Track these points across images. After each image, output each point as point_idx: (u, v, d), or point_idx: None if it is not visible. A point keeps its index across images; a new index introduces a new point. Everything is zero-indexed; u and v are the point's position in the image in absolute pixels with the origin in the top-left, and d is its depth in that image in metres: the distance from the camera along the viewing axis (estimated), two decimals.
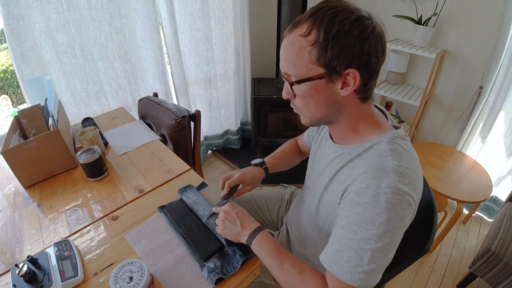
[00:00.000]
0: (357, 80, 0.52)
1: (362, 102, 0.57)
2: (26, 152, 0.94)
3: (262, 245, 0.65)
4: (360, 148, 0.58)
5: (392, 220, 0.49)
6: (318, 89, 0.54)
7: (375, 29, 0.51)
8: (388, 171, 0.51)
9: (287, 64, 0.55)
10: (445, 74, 1.72)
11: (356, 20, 0.49)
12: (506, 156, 1.61)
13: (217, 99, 2.12)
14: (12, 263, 0.73)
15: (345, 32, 0.49)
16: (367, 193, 0.51)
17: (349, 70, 0.51)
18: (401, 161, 0.52)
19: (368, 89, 0.56)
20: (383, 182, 0.50)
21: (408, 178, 0.51)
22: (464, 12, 1.52)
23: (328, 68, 0.52)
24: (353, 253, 0.51)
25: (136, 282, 0.60)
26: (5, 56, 3.66)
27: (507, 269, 1.12)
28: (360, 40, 0.49)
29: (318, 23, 0.50)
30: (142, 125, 1.35)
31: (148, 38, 1.57)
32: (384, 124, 0.61)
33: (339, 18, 0.49)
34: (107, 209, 0.89)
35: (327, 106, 0.57)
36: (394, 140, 0.56)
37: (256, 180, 0.86)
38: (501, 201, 1.72)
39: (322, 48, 0.50)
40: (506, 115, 1.54)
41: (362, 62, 0.51)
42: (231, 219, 0.70)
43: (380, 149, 0.55)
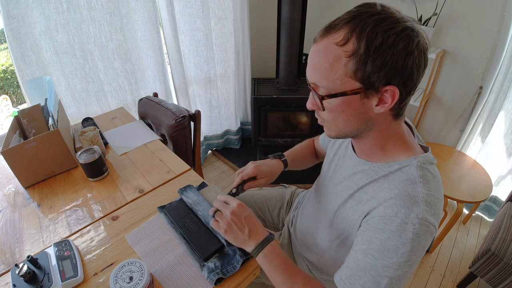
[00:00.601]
0: (396, 98, 0.47)
1: (394, 119, 0.53)
2: (26, 152, 0.94)
3: (270, 260, 0.61)
4: (387, 168, 0.55)
5: (415, 250, 0.48)
6: (350, 104, 0.49)
7: (420, 42, 0.46)
8: (418, 201, 0.48)
9: (317, 75, 0.50)
10: (445, 74, 1.72)
11: (401, 31, 0.44)
12: (506, 156, 1.61)
13: (217, 99, 2.12)
14: (12, 263, 0.73)
15: (390, 45, 0.44)
16: (394, 222, 0.48)
17: (388, 87, 0.47)
18: (429, 190, 0.50)
19: (403, 105, 0.51)
20: (413, 212, 0.48)
21: (434, 207, 0.49)
22: (464, 12, 1.52)
23: (366, 83, 0.47)
24: (370, 278, 0.50)
25: (136, 282, 0.60)
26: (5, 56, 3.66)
27: (507, 269, 1.12)
28: (404, 55, 0.45)
29: (359, 31, 0.44)
30: (142, 125, 1.35)
31: (148, 38, 1.57)
32: (413, 144, 0.57)
33: (382, 28, 0.44)
34: (107, 209, 0.89)
35: (358, 122, 0.52)
36: (424, 165, 0.53)
37: (273, 174, 0.79)
38: (501, 201, 1.72)
39: (362, 61, 0.45)
40: (506, 115, 1.54)
41: (403, 78, 0.46)
42: (240, 224, 0.64)
43: (410, 174, 0.52)
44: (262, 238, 0.63)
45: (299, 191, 1.09)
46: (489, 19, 1.45)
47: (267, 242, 0.63)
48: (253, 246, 0.63)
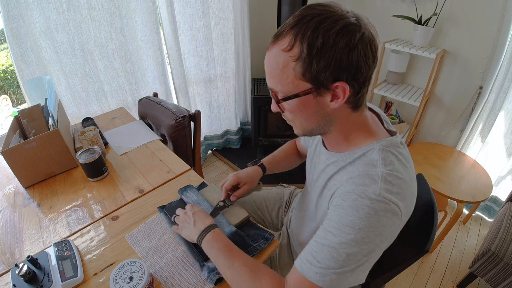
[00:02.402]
0: (347, 92, 0.49)
1: (353, 111, 0.55)
2: (26, 152, 0.94)
3: (212, 243, 0.64)
4: (352, 156, 0.57)
5: (372, 227, 0.47)
6: (306, 104, 0.52)
7: (364, 35, 0.47)
8: (376, 179, 0.49)
9: (273, 81, 0.53)
10: (445, 74, 1.72)
11: (341, 29, 0.45)
12: (506, 156, 1.61)
13: (217, 99, 2.12)
14: (12, 263, 0.73)
15: (331, 44, 0.45)
16: (351, 197, 0.50)
17: (338, 84, 0.48)
18: (391, 170, 0.51)
19: (359, 97, 0.53)
20: (370, 188, 0.49)
21: (397, 187, 0.49)
22: (464, 12, 1.52)
23: (315, 83, 0.49)
24: (328, 254, 0.49)
25: (136, 282, 0.60)
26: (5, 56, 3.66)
27: (507, 269, 1.12)
28: (347, 51, 0.46)
29: (301, 36, 0.46)
30: (142, 125, 1.35)
31: (148, 38, 1.57)
32: (378, 130, 0.59)
33: (323, 29, 0.45)
34: (107, 209, 0.89)
35: (317, 119, 0.55)
36: (387, 148, 0.54)
37: (252, 179, 0.84)
38: (501, 201, 1.72)
39: (307, 63, 0.47)
40: (506, 115, 1.54)
41: (351, 73, 0.48)
42: (188, 219, 0.70)
43: (372, 157, 0.53)
44: (205, 227, 0.67)
45: (297, 191, 1.09)
46: (489, 19, 1.45)
47: (209, 229, 0.66)
48: (197, 235, 0.67)
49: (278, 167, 0.94)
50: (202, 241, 0.66)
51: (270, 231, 0.76)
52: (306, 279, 0.50)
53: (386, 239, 0.50)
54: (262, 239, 0.75)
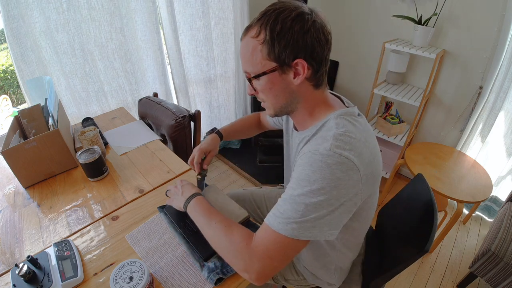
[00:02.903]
0: (306, 69, 0.57)
1: (315, 89, 0.63)
2: (26, 152, 0.94)
3: (194, 207, 0.71)
4: (314, 129, 0.63)
5: (326, 179, 0.52)
6: (274, 81, 0.60)
7: (316, 21, 0.56)
8: (328, 138, 0.56)
9: (245, 63, 0.62)
10: (445, 74, 1.72)
11: (296, 16, 0.55)
12: (506, 156, 1.61)
13: (217, 99, 2.12)
14: (12, 263, 0.73)
15: (288, 28, 0.55)
16: (306, 155, 0.56)
17: (297, 61, 0.57)
18: (344, 131, 0.56)
19: (319, 76, 0.61)
20: (321, 146, 0.55)
21: (349, 145, 0.54)
22: (464, 12, 1.52)
23: (278, 61, 0.58)
24: (288, 206, 0.54)
25: (136, 282, 0.60)
26: (5, 56, 3.66)
27: (507, 269, 1.12)
28: (302, 34, 0.55)
29: (265, 24, 0.57)
30: (142, 125, 1.35)
31: (148, 38, 1.57)
32: (336, 105, 0.66)
33: (281, 17, 0.55)
34: (107, 209, 0.89)
35: (285, 96, 0.62)
36: (342, 115, 0.60)
37: (214, 145, 0.95)
38: (501, 201, 1.72)
39: (270, 45, 0.57)
40: (506, 115, 1.54)
41: (308, 52, 0.57)
42: (176, 190, 0.79)
43: (329, 125, 0.60)
44: (190, 194, 0.75)
45: None
46: (489, 19, 1.45)
47: (193, 196, 0.74)
48: (183, 201, 0.74)
49: (235, 135, 1.06)
50: (187, 207, 0.73)
51: None
52: (270, 228, 0.56)
53: (347, 194, 0.53)
54: None
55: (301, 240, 0.54)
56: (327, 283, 0.83)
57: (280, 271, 0.87)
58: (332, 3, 2.00)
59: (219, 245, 0.63)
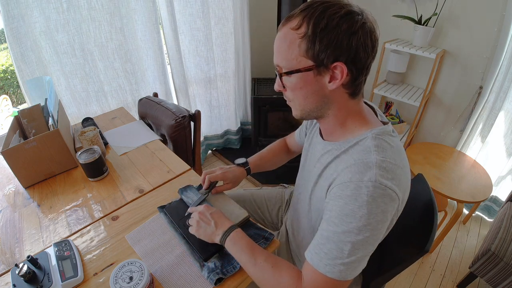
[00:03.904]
0: (344, 74, 0.52)
1: (351, 98, 0.58)
2: (26, 152, 0.94)
3: (235, 242, 0.66)
4: (346, 144, 0.59)
5: (373, 213, 0.49)
6: (306, 81, 0.55)
7: (365, 24, 0.51)
8: (371, 165, 0.51)
9: (279, 56, 0.57)
10: (445, 74, 1.72)
11: (346, 14, 0.50)
12: (506, 156, 1.61)
13: (217, 99, 2.12)
14: (12, 263, 0.73)
15: (334, 26, 0.50)
16: (349, 187, 0.51)
17: (336, 64, 0.52)
18: (385, 157, 0.53)
19: (357, 84, 0.56)
20: (365, 176, 0.50)
21: (391, 173, 0.51)
22: (464, 12, 1.52)
23: (316, 61, 0.53)
24: (333, 245, 0.51)
25: (136, 282, 0.60)
26: (5, 56, 3.66)
27: (507, 269, 1.12)
28: (348, 35, 0.50)
29: (309, 17, 0.51)
30: (142, 125, 1.35)
31: (148, 38, 1.57)
32: (372, 120, 0.61)
33: (329, 12, 0.50)
34: (107, 209, 0.89)
35: (316, 99, 0.58)
36: (380, 136, 0.56)
37: (237, 180, 0.88)
38: (501, 201, 1.72)
39: (311, 41, 0.51)
40: (506, 115, 1.54)
41: (350, 56, 0.51)
42: (206, 219, 0.71)
43: (366, 145, 0.55)
44: (228, 227, 0.68)
45: None
46: (489, 19, 1.45)
47: (232, 229, 0.68)
48: (220, 235, 0.68)
49: (264, 167, 0.97)
50: (226, 241, 0.67)
51: (270, 231, 0.77)
52: (317, 272, 0.52)
53: (387, 224, 0.52)
54: (262, 239, 0.75)
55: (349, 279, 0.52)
56: None
57: None
58: None
59: (266, 285, 0.60)
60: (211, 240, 0.70)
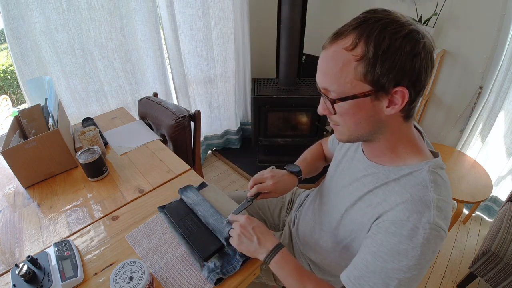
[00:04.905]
0: (406, 99, 0.48)
1: (405, 121, 0.54)
2: (26, 152, 0.94)
3: (282, 266, 0.63)
4: (398, 172, 0.55)
5: (425, 254, 0.48)
6: (361, 107, 0.50)
7: (426, 44, 0.47)
8: (430, 205, 0.49)
9: (327, 79, 0.51)
10: (445, 74, 1.72)
11: (408, 34, 0.46)
12: (506, 156, 1.61)
13: (217, 99, 2.12)
14: (12, 263, 0.73)
15: (397, 47, 0.45)
16: (406, 226, 0.49)
17: (398, 88, 0.48)
18: (440, 195, 0.51)
19: (413, 107, 0.52)
20: (424, 217, 0.48)
21: (445, 212, 0.50)
22: (464, 12, 1.52)
23: (376, 85, 0.48)
24: (380, 280, 0.50)
25: (136, 282, 0.60)
26: (5, 56, 3.66)
27: (507, 269, 1.12)
28: (411, 57, 0.46)
29: (366, 36, 0.46)
30: (142, 125, 1.35)
31: (148, 38, 1.57)
32: (424, 149, 0.58)
33: (389, 32, 0.45)
34: (107, 209, 0.89)
35: (369, 125, 0.53)
36: (435, 170, 0.53)
37: (286, 191, 0.80)
38: (501, 201, 1.72)
39: (371, 64, 0.46)
40: (506, 115, 1.54)
41: (412, 79, 0.47)
42: (248, 234, 0.66)
43: (421, 178, 0.52)
44: (273, 246, 0.65)
45: (300, 191, 1.09)
46: (489, 19, 1.45)
47: (278, 249, 0.65)
48: (264, 254, 0.65)
49: (310, 173, 0.90)
50: (271, 261, 0.64)
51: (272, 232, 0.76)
52: None
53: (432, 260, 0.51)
54: None
55: None
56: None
57: None
58: (332, 3, 2.00)
59: None
60: (254, 256, 0.67)
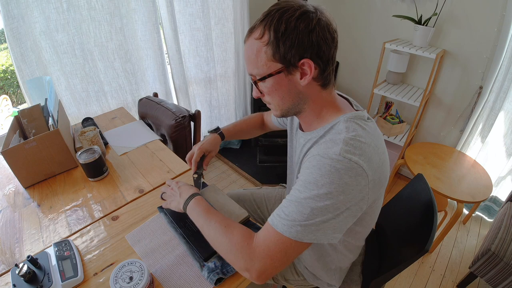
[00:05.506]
0: (313, 68, 0.56)
1: (323, 89, 0.62)
2: (26, 152, 0.94)
3: (194, 208, 0.71)
4: (322, 130, 0.62)
5: (334, 183, 0.51)
6: (280, 82, 0.59)
7: (321, 20, 0.55)
8: (338, 142, 0.55)
9: (250, 66, 0.61)
10: (445, 74, 1.72)
11: (301, 15, 0.54)
12: (506, 156, 1.61)
13: (217, 99, 2.12)
14: (12, 263, 0.73)
15: (292, 27, 0.54)
16: (316, 158, 0.55)
17: (303, 61, 0.56)
18: (355, 136, 0.55)
19: (326, 75, 0.60)
20: (331, 150, 0.54)
21: (359, 149, 0.53)
22: (464, 12, 1.52)
23: (284, 62, 0.57)
24: (294, 208, 0.54)
25: (136, 282, 0.60)
26: (5, 56, 3.66)
27: (507, 269, 1.12)
28: (307, 32, 0.54)
29: (269, 25, 0.56)
30: (142, 125, 1.35)
31: (148, 38, 1.57)
32: (345, 108, 0.65)
33: (285, 17, 0.54)
34: (107, 209, 0.89)
35: (291, 97, 0.62)
36: (352, 119, 0.59)
37: (215, 146, 0.95)
38: (501, 201, 1.72)
39: (275, 46, 0.55)
40: (506, 115, 1.54)
41: (314, 51, 0.55)
42: (174, 191, 0.78)
43: (338, 128, 0.59)
44: (189, 195, 0.74)
45: None
46: (489, 19, 1.45)
47: (192, 197, 0.74)
48: (183, 202, 0.74)
49: (237, 136, 1.04)
50: (187, 208, 0.73)
51: None
52: (273, 229, 0.56)
53: (353, 199, 0.53)
54: None
55: (304, 242, 0.54)
56: (327, 283, 0.83)
57: (281, 271, 0.87)
58: (332, 3, 2.00)
59: (220, 244, 0.62)
60: (179, 210, 0.76)
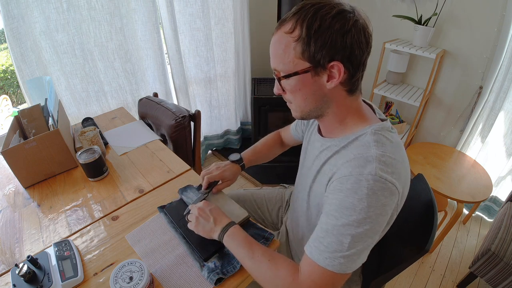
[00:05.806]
0: (342, 72, 0.54)
1: (349, 95, 0.59)
2: (26, 152, 0.94)
3: (233, 238, 0.67)
4: (345, 140, 0.60)
5: (372, 206, 0.50)
6: (305, 82, 0.56)
7: (358, 21, 0.52)
8: (371, 160, 0.52)
9: (276, 61, 0.58)
10: (445, 74, 1.72)
11: (337, 14, 0.51)
12: (506, 156, 1.61)
13: (217, 99, 2.12)
14: (12, 263, 0.73)
15: (327, 26, 0.51)
16: (349, 180, 0.52)
17: (333, 63, 0.53)
18: (385, 151, 0.54)
19: (354, 81, 0.57)
20: (366, 169, 0.51)
21: (391, 167, 0.52)
22: (464, 12, 1.52)
23: (313, 62, 0.54)
24: (333, 238, 0.52)
25: (136, 282, 0.60)
26: (5, 56, 3.66)
27: (507, 269, 1.12)
28: (342, 33, 0.51)
29: (301, 20, 0.52)
30: (142, 125, 1.35)
31: (148, 38, 1.56)
32: (370, 116, 0.62)
33: (320, 14, 0.51)
34: (107, 209, 0.89)
35: (315, 99, 0.59)
36: (379, 131, 0.57)
37: (234, 176, 0.89)
38: (501, 201, 1.72)
39: (306, 43, 0.52)
40: (506, 115, 1.54)
41: (346, 54, 0.53)
42: (205, 215, 0.72)
43: (365, 140, 0.56)
44: (226, 223, 0.70)
45: None
46: (489, 19, 1.45)
47: (231, 225, 0.69)
48: (218, 231, 0.69)
49: (258, 161, 0.99)
50: (224, 237, 0.68)
51: (270, 231, 0.77)
52: (316, 265, 0.53)
53: (387, 218, 0.52)
54: (263, 238, 0.75)
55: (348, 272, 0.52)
56: None
57: None
58: None
59: (264, 278, 0.60)
60: (209, 236, 0.70)
